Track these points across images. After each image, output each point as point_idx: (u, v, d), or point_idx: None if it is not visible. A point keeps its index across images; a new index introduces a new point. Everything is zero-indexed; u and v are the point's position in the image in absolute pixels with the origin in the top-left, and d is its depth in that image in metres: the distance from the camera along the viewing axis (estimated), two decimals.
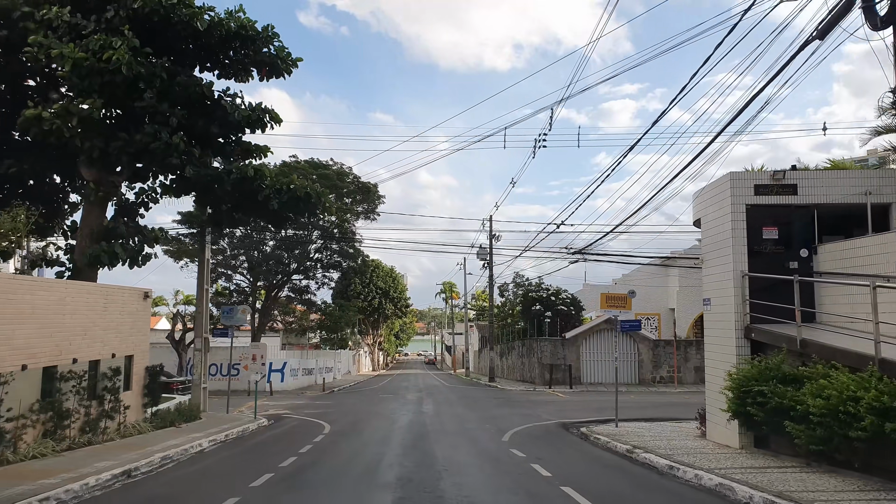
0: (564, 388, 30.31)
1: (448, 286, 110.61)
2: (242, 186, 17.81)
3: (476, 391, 31.72)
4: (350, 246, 38.05)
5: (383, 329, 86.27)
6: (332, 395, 31.50)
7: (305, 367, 39.53)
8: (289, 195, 17.96)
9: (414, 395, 28.03)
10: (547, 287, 36.83)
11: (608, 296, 18.39)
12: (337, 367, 55.53)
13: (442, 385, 38.33)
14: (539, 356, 33.56)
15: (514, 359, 42.74)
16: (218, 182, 17.59)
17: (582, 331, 32.68)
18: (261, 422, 18.52)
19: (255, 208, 18.82)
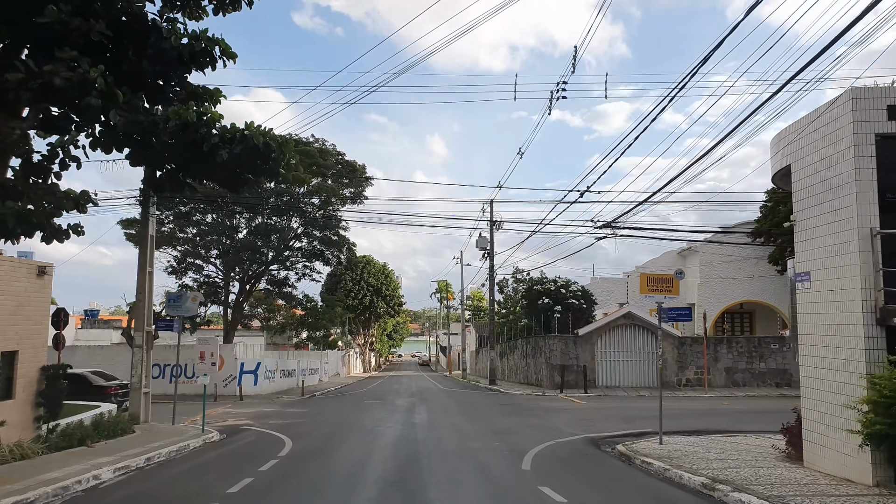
0: (578, 393, 26.41)
1: (443, 285, 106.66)
2: (184, 136, 13.78)
3: (476, 395, 27.76)
4: (334, 233, 34.03)
5: (375, 329, 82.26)
6: (311, 400, 27.48)
7: (285, 369, 35.48)
8: (242, 145, 13.92)
9: (405, 401, 24.06)
10: (554, 279, 32.92)
11: (649, 277, 14.68)
12: (323, 369, 51.42)
13: (437, 388, 34.34)
14: (547, 356, 29.65)
15: (516, 359, 38.79)
16: (153, 132, 13.59)
17: (597, 327, 28.77)
18: (209, 436, 14.58)
19: (204, 165, 14.80)
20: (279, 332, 36.17)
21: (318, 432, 15.46)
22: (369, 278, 76.76)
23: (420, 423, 16.55)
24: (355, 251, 35.61)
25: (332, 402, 25.70)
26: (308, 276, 35.61)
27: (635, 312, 28.65)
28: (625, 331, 28.91)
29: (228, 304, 34.46)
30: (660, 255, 40.20)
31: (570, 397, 24.99)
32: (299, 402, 25.96)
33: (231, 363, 29.99)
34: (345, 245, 34.79)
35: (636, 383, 28.66)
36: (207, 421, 17.38)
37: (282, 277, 35.58)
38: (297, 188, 32.10)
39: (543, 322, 31.73)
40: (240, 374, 29.95)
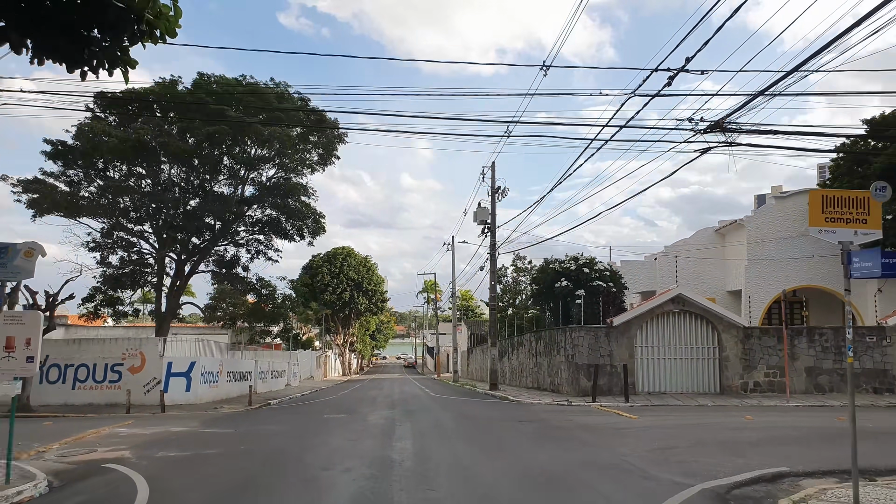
0: (616, 401, 19.61)
1: (430, 284, 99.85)
2: None
3: (479, 406, 20.82)
4: (297, 200, 26.90)
5: (356, 327, 74.97)
6: (257, 413, 20.42)
7: (235, 371, 28.36)
8: None
9: (382, 416, 17.04)
10: (574, 256, 26.07)
11: (827, 196, 7.87)
12: (292, 372, 44.22)
13: (426, 395, 27.34)
14: (569, 353, 22.80)
15: (522, 358, 31.89)
16: None
17: (638, 315, 21.93)
18: (12, 492, 7.68)
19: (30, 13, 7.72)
20: (230, 325, 28.92)
21: (217, 483, 8.52)
22: (349, 271, 69.55)
23: (402, 462, 9.58)
24: (324, 224, 28.32)
25: (282, 417, 18.64)
26: (263, 255, 28.45)
27: (688, 295, 21.88)
28: (673, 319, 22.15)
29: (162, 289, 27.26)
30: (692, 234, 33.56)
31: (608, 408, 18.17)
32: (238, 416, 18.88)
33: (155, 363, 22.85)
34: (310, 217, 27.67)
35: (687, 388, 21.90)
36: (65, 450, 10.55)
37: (231, 257, 28.38)
38: (252, 149, 25.08)
39: (562, 310, 24.91)
40: (166, 376, 22.82)
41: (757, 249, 29.09)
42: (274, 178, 26.58)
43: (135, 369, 22.73)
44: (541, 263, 28.21)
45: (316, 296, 66.35)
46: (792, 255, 28.78)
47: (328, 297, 66.24)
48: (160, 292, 27.46)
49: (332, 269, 68.29)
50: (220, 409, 21.74)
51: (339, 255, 70.19)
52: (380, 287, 72.52)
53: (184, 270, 27.74)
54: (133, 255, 27.29)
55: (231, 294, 28.97)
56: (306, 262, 71.46)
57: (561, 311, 24.95)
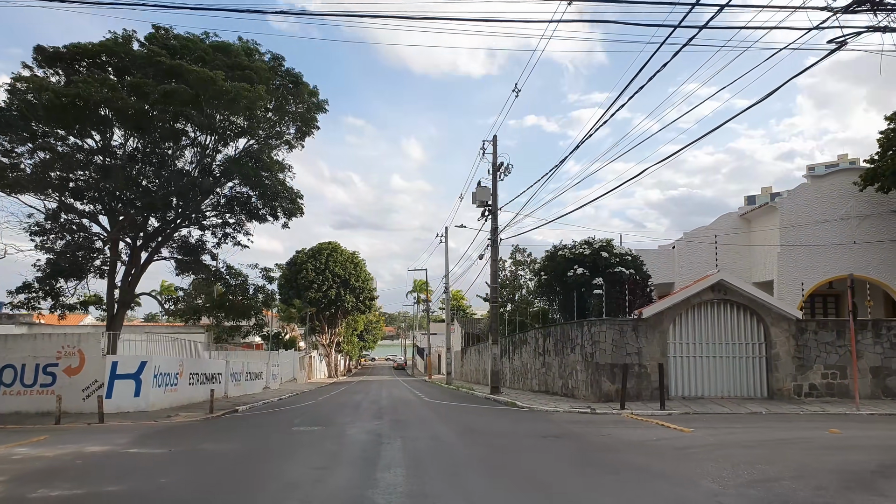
0: (649, 408, 16.18)
1: (420, 284, 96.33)
2: None
3: (484, 415, 17.29)
4: (271, 176, 23.21)
5: (342, 327, 71.23)
6: (214, 423, 16.80)
7: (200, 372, 24.68)
8: None
9: (365, 429, 13.44)
10: (587, 240, 22.57)
11: None
12: (271, 373, 40.54)
13: (418, 400, 23.78)
14: (588, 351, 19.37)
15: (526, 358, 28.42)
16: None
17: (671, 305, 18.45)
18: None
19: None
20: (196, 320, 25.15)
21: None
22: (335, 267, 65.75)
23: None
24: (302, 205, 24.70)
25: (242, 429, 15.03)
26: (232, 239, 24.75)
27: (731, 282, 18.46)
28: (712, 310, 18.74)
29: (115, 278, 23.56)
30: (714, 220, 30.23)
31: (644, 417, 14.73)
32: (190, 427, 15.26)
33: (96, 363, 19.19)
34: (286, 195, 24.02)
35: (728, 391, 18.51)
36: None
37: (194, 241, 24.64)
38: (217, 114, 21.36)
39: (576, 302, 21.46)
40: (110, 378, 19.17)
41: (790, 235, 25.79)
42: (244, 150, 22.90)
43: (72, 370, 19.05)
44: (547, 251, 24.75)
45: (300, 293, 62.61)
46: (830, 242, 25.52)
47: (313, 295, 62.49)
48: (112, 282, 23.74)
49: (317, 266, 64.55)
50: (175, 417, 18.12)
51: (325, 250, 66.44)
52: (368, 284, 68.82)
53: (139, 257, 24.04)
54: (79, 239, 23.54)
55: (202, 286, 25.24)
56: (289, 258, 67.80)
57: (575, 303, 21.49)
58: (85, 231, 23.80)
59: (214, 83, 19.90)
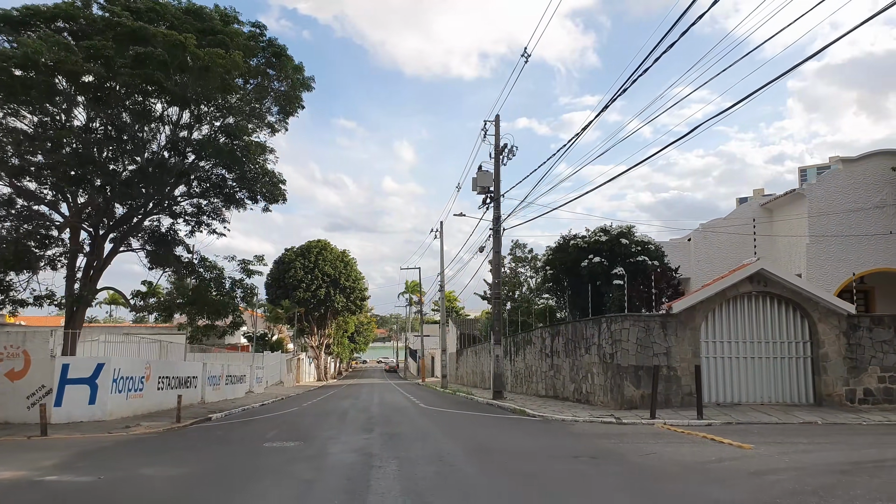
0: (682, 416, 13.88)
1: (412, 286, 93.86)
2: None
3: (494, 427, 14.89)
4: (248, 156, 20.69)
5: (332, 328, 68.66)
6: (176, 436, 14.32)
7: (172, 376, 22.16)
8: None
9: (352, 446, 10.99)
10: (603, 227, 20.23)
11: None
12: (255, 377, 38.02)
13: (413, 407, 21.38)
14: (607, 352, 17.05)
15: (530, 359, 26.07)
16: None
17: (704, 298, 16.12)
18: None
19: None
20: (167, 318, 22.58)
21: None
22: (325, 266, 63.14)
23: None
24: (284, 191, 22.28)
25: (204, 444, 12.57)
26: (206, 227, 22.24)
27: (773, 271, 16.16)
28: (750, 304, 16.46)
29: (74, 271, 21.05)
30: (734, 209, 28.03)
31: (682, 428, 12.43)
32: (145, 442, 12.80)
33: (43, 365, 16.68)
34: (266, 178, 21.57)
35: (769, 397, 16.22)
36: None
37: (164, 231, 22.10)
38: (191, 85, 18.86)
39: (591, 296, 19.13)
40: (60, 383, 16.67)
41: (820, 225, 23.59)
42: (220, 128, 20.40)
43: (15, 374, 16.54)
44: (557, 241, 22.39)
45: (288, 293, 60.03)
46: (864, 232, 23.34)
47: (301, 295, 59.89)
48: (72, 274, 21.22)
49: (306, 264, 61.99)
50: (133, 428, 15.64)
51: (314, 248, 63.88)
52: (359, 284, 66.29)
53: (103, 248, 21.52)
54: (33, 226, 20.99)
55: (181, 284, 22.66)
56: (277, 257, 65.21)
57: (590, 297, 19.15)
58: (42, 218, 21.28)
59: (185, 48, 17.47)
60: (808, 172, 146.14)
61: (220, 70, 17.74)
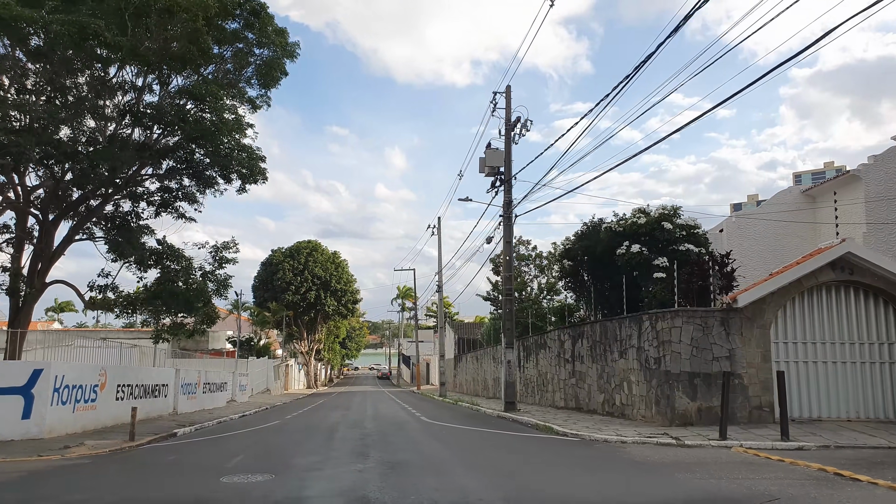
0: (760, 437, 10.92)
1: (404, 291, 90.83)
2: None
3: (521, 452, 11.82)
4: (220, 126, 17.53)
5: (322, 333, 65.42)
6: (116, 461, 11.15)
7: (136, 384, 18.98)
8: None
9: (339, 484, 7.90)
10: (642, 209, 17.26)
11: None
12: (238, 384, 34.76)
13: (415, 422, 18.29)
14: (650, 355, 14.09)
15: (544, 365, 23.05)
16: None
17: (775, 289, 13.20)
18: None
19: None
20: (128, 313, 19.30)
21: None
22: (315, 268, 59.92)
23: None
24: (265, 169, 19.22)
25: (139, 480, 9.43)
26: (173, 211, 19.09)
27: (862, 255, 13.23)
28: (830, 297, 13.54)
29: (20, 261, 17.93)
30: (771, 196, 25.20)
31: (762, 451, 9.49)
32: (71, 470, 9.67)
33: None
34: (243, 153, 18.49)
35: (858, 411, 13.27)
36: None
37: (125, 213, 18.94)
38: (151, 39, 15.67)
39: (626, 289, 16.17)
40: None
41: (879, 211, 20.78)
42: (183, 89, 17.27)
43: None
44: (583, 226, 19.38)
45: (276, 295, 56.79)
46: None
47: (290, 297, 56.65)
48: (18, 266, 18.10)
49: (295, 266, 58.79)
50: (73, 449, 12.47)
51: (304, 249, 60.72)
52: (350, 287, 63.13)
53: (52, 234, 18.39)
54: None
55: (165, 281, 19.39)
56: (265, 258, 61.96)
57: (625, 291, 16.17)
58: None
59: None
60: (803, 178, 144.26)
61: (186, 16, 14.69)
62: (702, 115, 11.94)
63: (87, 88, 17.00)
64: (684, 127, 11.61)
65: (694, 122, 14.75)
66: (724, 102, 11.05)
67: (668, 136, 12.65)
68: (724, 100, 10.87)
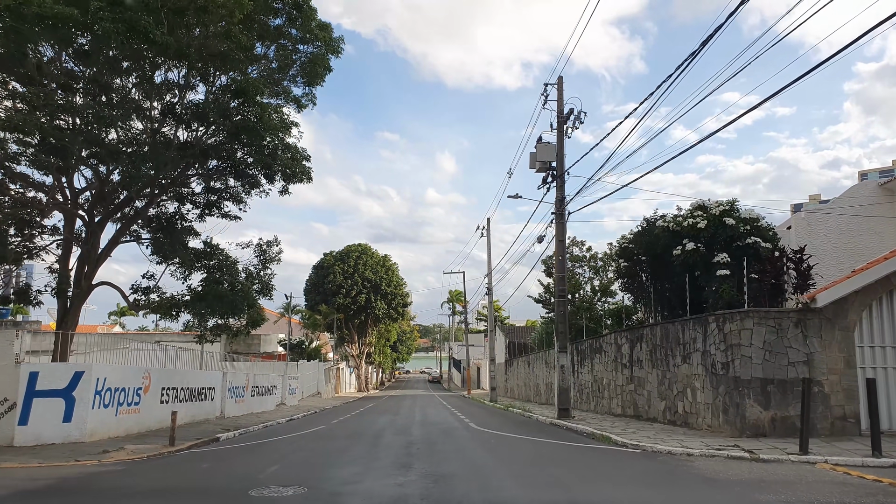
0: (846, 450, 9.73)
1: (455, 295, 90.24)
2: None
3: (582, 467, 10.86)
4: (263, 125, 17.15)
5: (373, 336, 65.35)
6: (149, 469, 10.74)
7: (182, 387, 18.84)
8: None
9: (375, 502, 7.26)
10: (702, 204, 16.03)
11: None
12: (288, 387, 34.71)
13: (464, 429, 17.51)
14: (717, 360, 12.97)
15: (600, 371, 21.96)
16: None
17: (860, 287, 11.93)
18: None
19: None
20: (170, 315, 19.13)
21: None
22: (365, 271, 59.91)
23: None
24: (309, 168, 18.83)
25: (152, 495, 9.00)
26: (218, 211, 18.87)
27: None
28: None
29: (68, 262, 18.00)
30: (845, 191, 23.44)
31: (852, 470, 8.34)
32: (101, 478, 9.30)
33: (7, 372, 13.45)
34: (287, 153, 18.13)
35: None
36: None
37: (170, 214, 18.82)
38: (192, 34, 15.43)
39: (689, 290, 15.04)
40: (26, 396, 13.42)
41: None
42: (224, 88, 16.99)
43: None
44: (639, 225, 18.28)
45: (327, 298, 56.99)
46: None
47: (341, 300, 56.76)
48: (66, 267, 18.18)
49: (346, 269, 58.88)
50: (112, 453, 12.20)
51: (354, 252, 60.80)
52: (400, 290, 62.87)
53: (98, 236, 18.39)
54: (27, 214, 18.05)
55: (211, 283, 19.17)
56: (316, 262, 62.34)
57: (688, 291, 15.03)
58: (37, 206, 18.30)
59: None
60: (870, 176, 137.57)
61: (223, 11, 14.36)
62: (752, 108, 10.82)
63: (133, 89, 16.93)
64: (738, 119, 10.65)
65: (747, 113, 13.89)
66: (780, 92, 9.98)
67: (721, 128, 11.56)
68: (780, 89, 9.85)
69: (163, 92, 16.84)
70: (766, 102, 10.88)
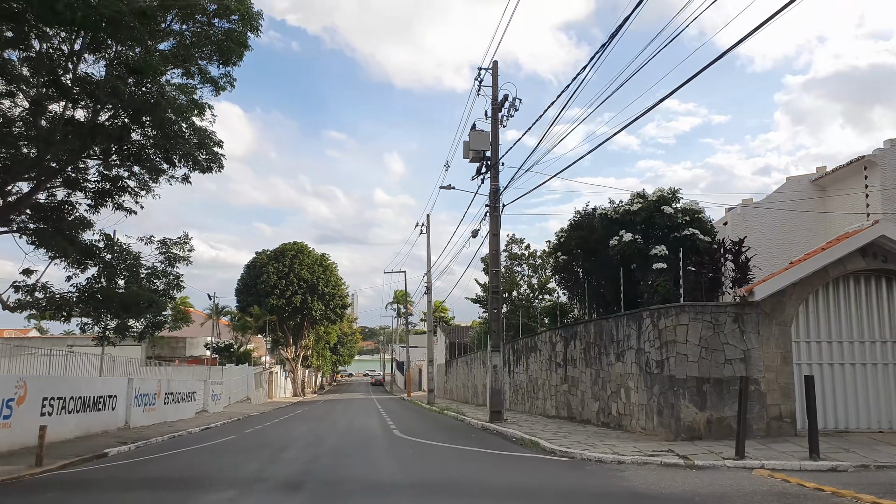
0: (782, 452, 8.92)
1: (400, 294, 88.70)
2: None
3: (496, 480, 9.82)
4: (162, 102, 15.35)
5: (310, 339, 63.20)
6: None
7: (71, 396, 16.84)
8: None
9: None
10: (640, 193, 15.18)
11: None
12: (211, 393, 32.59)
13: (385, 437, 16.20)
14: (651, 358, 12.11)
15: (535, 370, 21.02)
16: None
17: (798, 280, 11.21)
18: None
19: None
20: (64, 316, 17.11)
21: None
22: (301, 271, 57.72)
23: None
24: (221, 155, 17.15)
25: None
26: (115, 202, 16.96)
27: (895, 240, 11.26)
28: (859, 289, 11.56)
29: None
30: (778, 187, 23.24)
31: (791, 476, 7.47)
32: None
33: None
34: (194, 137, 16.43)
35: (889, 422, 11.29)
36: None
37: (55, 205, 16.78)
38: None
39: (623, 284, 14.17)
40: None
41: (893, 199, 18.84)
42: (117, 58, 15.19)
43: None
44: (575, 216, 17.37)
45: (259, 299, 54.61)
46: None
47: (274, 301, 54.44)
48: None
49: (280, 269, 56.59)
50: None
51: (289, 251, 58.54)
52: (339, 290, 60.94)
53: None
54: None
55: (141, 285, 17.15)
56: (248, 261, 59.81)
57: (622, 285, 14.16)
58: None
59: None
60: None
61: None
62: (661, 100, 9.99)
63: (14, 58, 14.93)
64: (652, 108, 9.84)
65: (657, 104, 12.70)
66: (678, 89, 9.12)
67: (642, 115, 10.80)
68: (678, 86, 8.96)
69: (44, 62, 14.89)
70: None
